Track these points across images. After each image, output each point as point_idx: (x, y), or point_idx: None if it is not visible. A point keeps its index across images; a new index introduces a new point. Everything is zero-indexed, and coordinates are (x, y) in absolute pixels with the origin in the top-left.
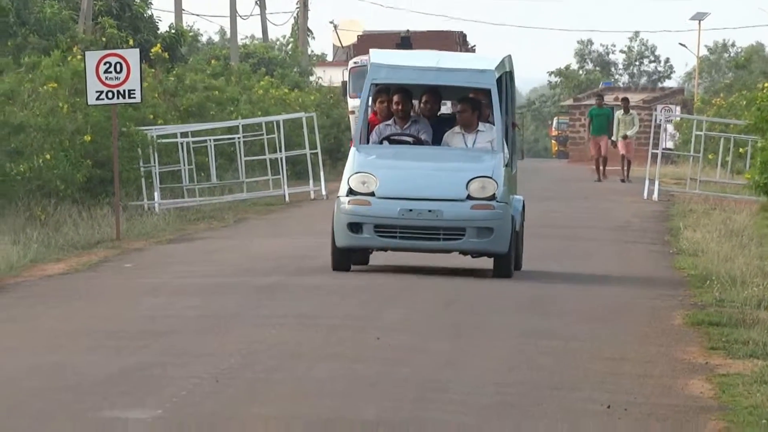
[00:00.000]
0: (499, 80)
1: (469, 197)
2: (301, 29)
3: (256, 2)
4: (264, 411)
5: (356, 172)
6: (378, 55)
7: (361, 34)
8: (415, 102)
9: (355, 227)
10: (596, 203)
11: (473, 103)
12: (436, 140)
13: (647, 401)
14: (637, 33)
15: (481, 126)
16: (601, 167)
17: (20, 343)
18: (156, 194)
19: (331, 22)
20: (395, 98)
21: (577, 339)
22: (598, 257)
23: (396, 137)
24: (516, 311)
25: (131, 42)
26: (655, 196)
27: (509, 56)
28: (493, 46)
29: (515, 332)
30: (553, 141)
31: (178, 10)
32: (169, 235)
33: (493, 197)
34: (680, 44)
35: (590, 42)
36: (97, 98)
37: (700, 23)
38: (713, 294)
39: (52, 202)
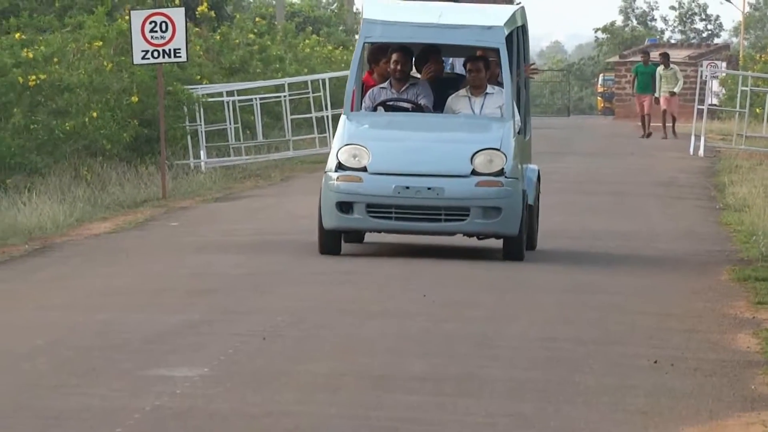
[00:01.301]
0: (509, 37)
1: (474, 172)
2: None
3: None
4: (311, 368)
5: (346, 144)
6: (372, 9)
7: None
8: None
9: (344, 206)
10: (642, 159)
11: (486, 63)
12: (438, 106)
13: (694, 356)
14: None
15: (489, 88)
16: (646, 124)
17: (68, 302)
18: (202, 153)
19: None
20: (394, 57)
21: (623, 294)
22: (644, 213)
23: (392, 103)
24: (561, 267)
25: (177, 1)
26: (701, 151)
27: (522, 8)
28: (539, 3)
29: (560, 288)
30: (598, 97)
31: None
32: (215, 193)
33: (501, 172)
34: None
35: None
36: (143, 57)
37: None
38: (759, 249)
39: (98, 162)
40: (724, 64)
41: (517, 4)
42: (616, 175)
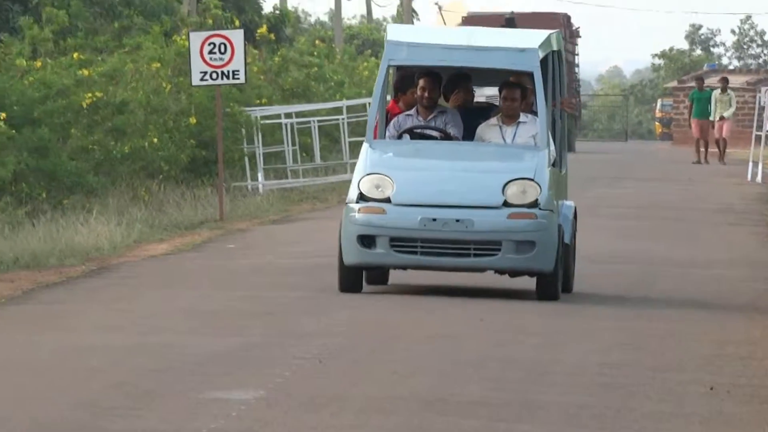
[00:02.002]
0: (544, 61)
1: (505, 204)
2: (406, 10)
3: None
4: (366, 391)
5: (368, 174)
6: (396, 31)
7: (465, 15)
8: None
9: (367, 240)
10: (699, 185)
11: (522, 90)
12: (468, 136)
13: (750, 383)
14: (748, 17)
15: (522, 117)
16: (702, 150)
17: (125, 324)
18: (260, 175)
19: (435, 3)
20: (421, 83)
21: (680, 321)
22: (702, 239)
23: (418, 131)
24: (616, 292)
25: (237, 22)
26: (759, 178)
27: (557, 33)
28: (598, 28)
29: (616, 314)
30: (657, 123)
31: None
32: (272, 215)
33: (535, 204)
34: None
35: (699, 26)
36: (201, 79)
37: None
38: None
39: (155, 183)
40: None
41: (577, 32)
42: (673, 200)
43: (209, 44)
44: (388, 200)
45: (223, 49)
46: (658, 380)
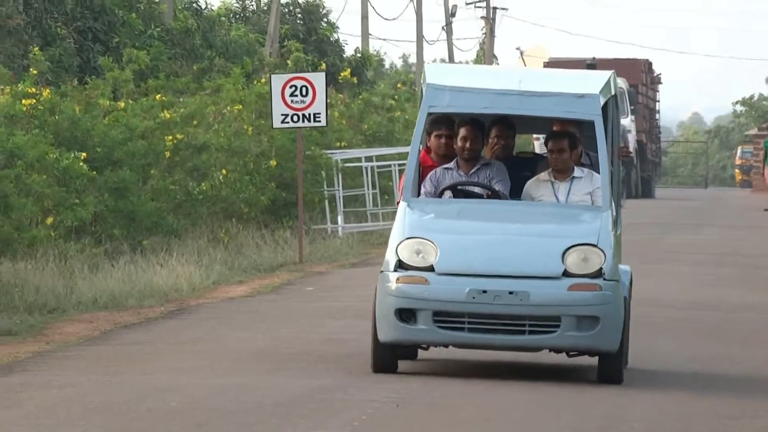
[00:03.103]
0: (604, 108)
1: (566, 273)
2: (487, 55)
3: (442, 27)
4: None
5: (408, 238)
6: (437, 73)
7: (547, 60)
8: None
9: (406, 315)
10: None
11: (571, 139)
12: (512, 190)
13: None
14: None
15: (577, 171)
16: None
17: (203, 365)
18: (339, 218)
19: (517, 48)
20: (463, 132)
21: (759, 367)
22: None
23: (461, 188)
24: (696, 338)
25: (323, 65)
26: None
27: (614, 74)
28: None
29: (695, 358)
30: (737, 170)
31: (365, 34)
32: (351, 258)
33: (599, 273)
34: None
35: None
36: (282, 121)
37: None
38: None
39: (234, 225)
40: None
41: (658, 78)
42: (752, 247)
43: (291, 86)
44: (431, 268)
45: (304, 92)
46: (736, 427)
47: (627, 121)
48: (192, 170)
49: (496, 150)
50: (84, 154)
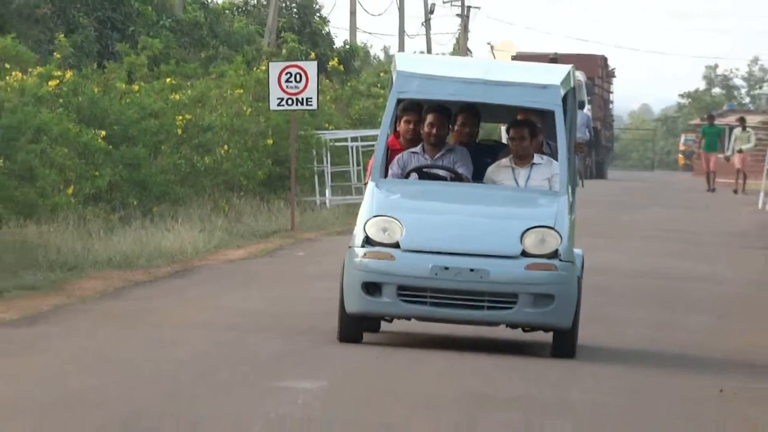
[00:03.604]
0: (564, 99)
1: (524, 253)
2: (462, 48)
3: (422, 23)
4: (422, 389)
5: (375, 216)
6: (406, 61)
7: (514, 54)
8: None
9: (372, 288)
10: (716, 212)
11: (531, 128)
12: (474, 175)
13: (756, 387)
14: (756, 59)
15: (537, 158)
16: (711, 179)
17: (206, 320)
18: (327, 191)
19: (488, 43)
20: (430, 118)
21: (698, 330)
22: (717, 259)
23: (427, 170)
24: (644, 305)
25: (313, 55)
26: None
27: (573, 68)
28: (631, 69)
29: (643, 322)
30: (680, 155)
31: (353, 28)
32: (337, 227)
33: (555, 254)
34: None
35: (716, 66)
36: (278, 104)
37: None
38: None
39: (234, 195)
40: None
41: (612, 72)
42: (694, 224)
43: (286, 73)
44: (396, 245)
45: (298, 79)
46: (677, 384)
47: (585, 110)
48: (197, 146)
49: (461, 137)
50: (102, 131)
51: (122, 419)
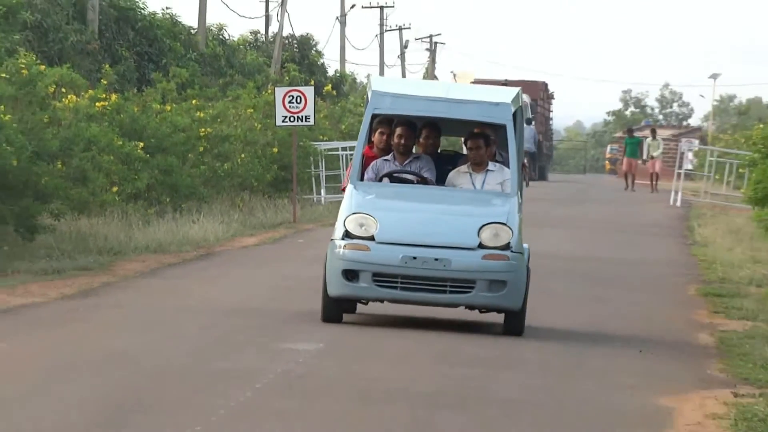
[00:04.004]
0: (514, 115)
1: (480, 245)
2: (430, 76)
3: (398, 56)
4: (401, 350)
5: (354, 213)
6: (380, 83)
7: (473, 80)
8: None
9: (351, 275)
10: (635, 206)
11: (486, 139)
12: (437, 181)
13: (669, 347)
14: (666, 84)
15: (491, 165)
16: (629, 180)
17: (225, 294)
18: (323, 191)
19: (451, 72)
20: (398, 131)
21: (620, 302)
22: (636, 244)
23: (397, 175)
24: (576, 282)
25: (312, 81)
26: (678, 203)
27: (521, 90)
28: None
29: (575, 295)
30: (606, 161)
31: (342, 60)
32: (331, 220)
33: (507, 246)
34: (700, 95)
35: (630, 90)
36: (283, 121)
37: (714, 81)
38: (717, 274)
39: (247, 194)
40: (697, 141)
41: (552, 95)
42: (617, 217)
43: (289, 96)
44: (372, 238)
45: (299, 100)
46: (605, 342)
47: (531, 126)
48: (217, 155)
49: (425, 147)
50: (141, 143)
51: (155, 371)
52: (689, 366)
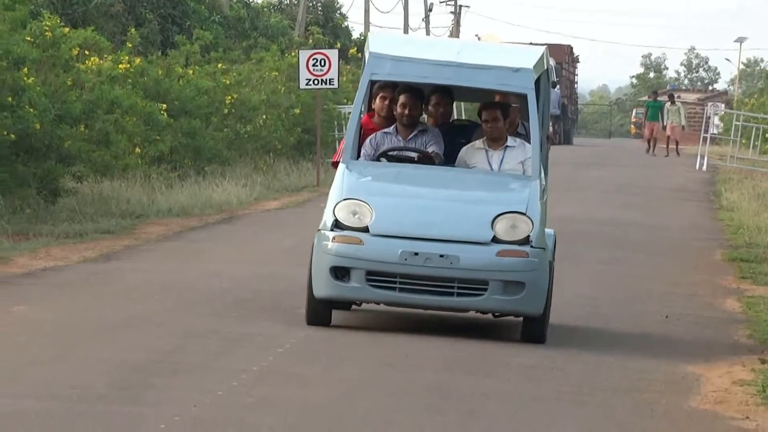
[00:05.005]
0: (537, 82)
1: (494, 239)
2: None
3: (422, 19)
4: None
5: (345, 199)
6: (379, 42)
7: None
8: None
9: (340, 273)
10: (661, 170)
11: (504, 110)
12: (447, 156)
13: (694, 313)
14: (692, 48)
15: (510, 141)
16: (651, 143)
17: (247, 258)
18: None
19: (476, 35)
20: (402, 99)
21: (645, 267)
22: (661, 209)
23: (398, 152)
24: (602, 246)
25: (338, 44)
26: (704, 167)
27: (546, 50)
28: (592, 55)
29: (597, 258)
30: (632, 125)
31: (366, 23)
32: None
33: (526, 240)
34: (726, 59)
35: (650, 54)
36: (306, 84)
37: (740, 45)
38: (744, 238)
39: (271, 157)
40: (723, 105)
41: (577, 59)
42: (642, 181)
43: (313, 59)
44: (365, 229)
45: (323, 63)
46: (628, 310)
47: (556, 89)
48: (241, 118)
49: (435, 117)
50: (164, 105)
51: (177, 333)
52: (716, 332)
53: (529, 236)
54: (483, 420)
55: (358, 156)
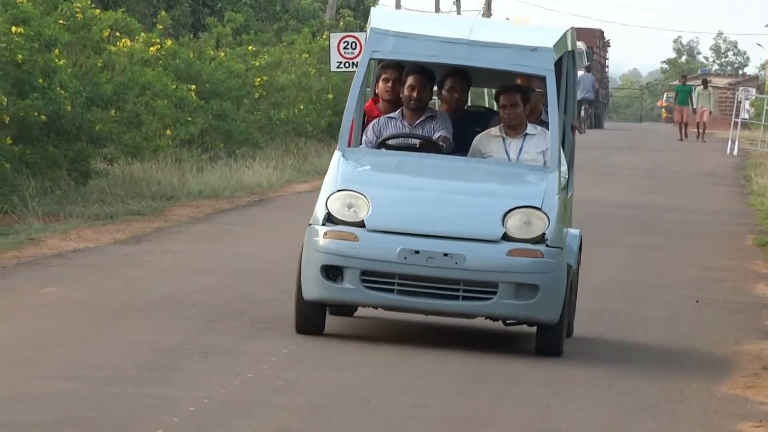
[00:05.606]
0: (558, 64)
1: (505, 237)
2: None
3: (453, 2)
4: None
5: (339, 190)
6: (382, 17)
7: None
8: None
9: (333, 272)
10: (691, 155)
11: (524, 94)
12: (461, 146)
13: (725, 298)
14: (720, 33)
15: (530, 128)
16: (682, 129)
17: (278, 240)
18: None
19: (507, 18)
20: (410, 80)
21: (675, 251)
22: (692, 193)
23: (397, 140)
24: (632, 230)
25: (366, 28)
26: (735, 151)
27: (572, 30)
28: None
29: (629, 243)
30: (663, 110)
31: (397, 5)
32: None
33: (541, 239)
34: (757, 44)
35: (680, 37)
36: (337, 67)
37: None
38: None
39: (302, 140)
40: (754, 90)
41: (608, 43)
42: (673, 165)
43: (344, 42)
44: (361, 224)
45: (354, 46)
46: (659, 293)
47: (590, 75)
48: (273, 103)
49: (449, 103)
50: (194, 87)
51: (207, 316)
52: (746, 316)
53: (544, 234)
54: (513, 404)
55: (360, 143)
